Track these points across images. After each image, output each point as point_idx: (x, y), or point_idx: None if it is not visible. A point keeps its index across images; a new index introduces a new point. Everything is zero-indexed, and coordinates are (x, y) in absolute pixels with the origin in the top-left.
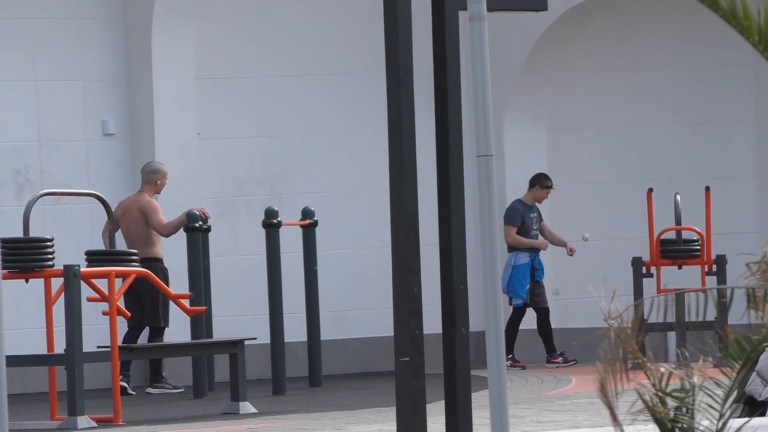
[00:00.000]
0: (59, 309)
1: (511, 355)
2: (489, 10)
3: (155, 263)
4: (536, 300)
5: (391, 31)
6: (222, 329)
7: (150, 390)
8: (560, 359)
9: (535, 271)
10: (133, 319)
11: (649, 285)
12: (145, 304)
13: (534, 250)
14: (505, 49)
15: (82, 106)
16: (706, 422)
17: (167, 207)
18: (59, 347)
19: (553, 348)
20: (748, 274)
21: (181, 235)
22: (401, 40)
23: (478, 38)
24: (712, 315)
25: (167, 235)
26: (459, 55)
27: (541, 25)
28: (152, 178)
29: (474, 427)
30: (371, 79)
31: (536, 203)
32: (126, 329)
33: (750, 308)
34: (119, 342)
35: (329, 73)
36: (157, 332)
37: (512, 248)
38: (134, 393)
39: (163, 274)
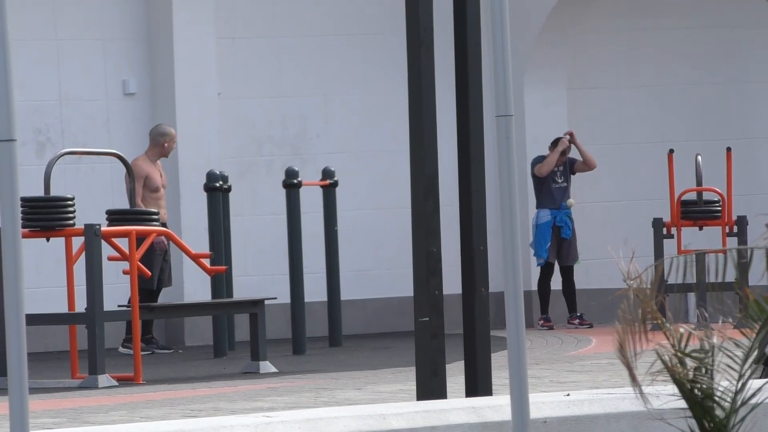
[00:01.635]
0: (80, 268)
1: (544, 315)
2: None
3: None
4: (561, 258)
5: None
6: (242, 289)
7: (121, 350)
8: (577, 321)
9: (559, 228)
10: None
11: (669, 246)
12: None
13: (557, 207)
14: (526, 9)
15: (103, 65)
16: (725, 383)
17: (188, 167)
18: (80, 306)
19: (574, 308)
20: None
21: (201, 195)
22: (422, 0)
23: None
24: (732, 276)
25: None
26: (480, 14)
27: None
28: (160, 141)
29: (493, 387)
30: (392, 39)
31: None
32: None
33: None
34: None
35: (350, 33)
36: (151, 294)
37: (540, 204)
38: (171, 350)
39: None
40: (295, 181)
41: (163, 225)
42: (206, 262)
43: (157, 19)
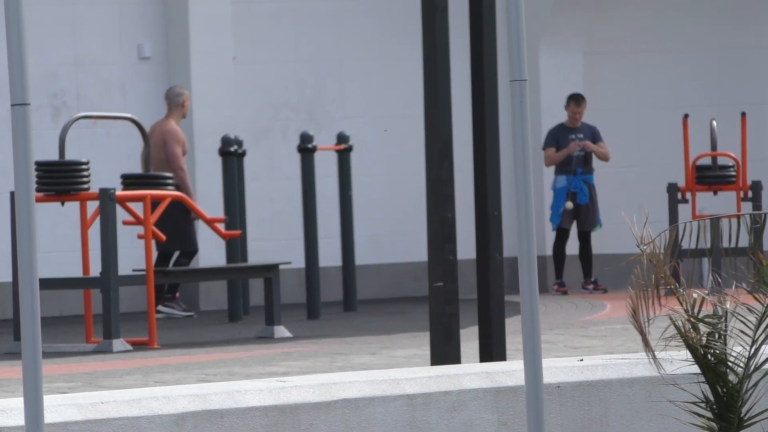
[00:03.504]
0: (95, 232)
1: (559, 280)
2: None
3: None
4: (579, 223)
5: None
6: (257, 253)
7: (160, 308)
8: (591, 286)
9: (574, 195)
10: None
11: (684, 211)
12: (165, 229)
13: (573, 173)
14: None
15: (119, 29)
16: (738, 348)
17: (203, 131)
18: (95, 270)
19: (589, 273)
20: None
21: (216, 160)
22: None
23: None
24: (746, 241)
25: (173, 171)
26: None
27: None
28: (179, 101)
29: (508, 352)
30: (406, 4)
31: (578, 124)
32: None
33: None
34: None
35: None
36: (185, 256)
37: (557, 170)
38: (192, 314)
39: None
40: (310, 145)
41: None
42: (221, 226)
43: None
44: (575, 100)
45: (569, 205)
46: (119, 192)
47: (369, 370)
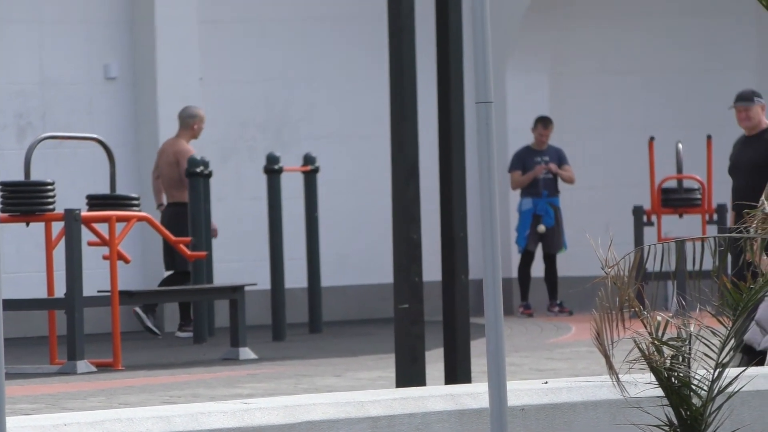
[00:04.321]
0: (60, 253)
1: (524, 302)
2: None
3: (185, 208)
4: (544, 245)
5: None
6: (222, 275)
7: (179, 334)
8: (556, 308)
9: (540, 217)
10: (167, 263)
11: (650, 233)
12: (169, 247)
13: (539, 195)
14: None
15: (85, 49)
16: (702, 371)
17: None
18: (59, 291)
19: (554, 295)
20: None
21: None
22: None
23: None
24: (710, 264)
25: (187, 189)
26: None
27: None
28: (189, 123)
29: (473, 374)
30: (374, 24)
31: (545, 147)
32: (126, 274)
33: (747, 258)
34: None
35: (332, 18)
36: (185, 276)
37: (522, 192)
38: (159, 335)
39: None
40: (276, 166)
41: (186, 206)
42: (186, 247)
43: (139, 3)
44: (543, 123)
45: (541, 228)
46: (84, 213)
47: (333, 393)
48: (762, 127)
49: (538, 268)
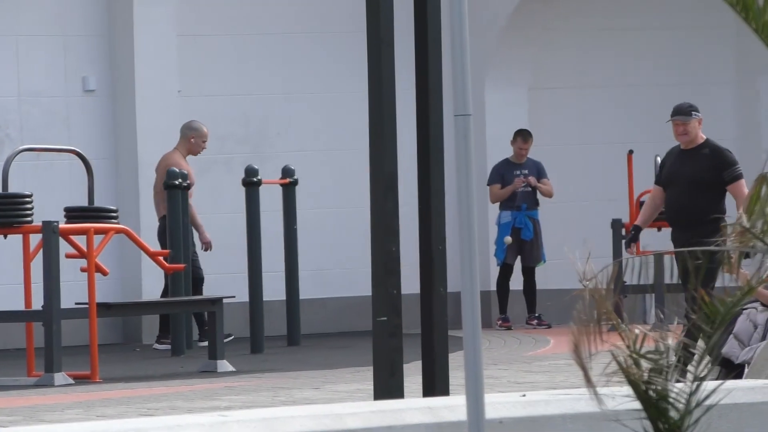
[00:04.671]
0: (37, 265)
1: (503, 315)
2: None
3: None
4: (523, 258)
5: None
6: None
7: (157, 346)
8: (535, 321)
9: (519, 230)
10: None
11: None
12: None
13: (518, 209)
14: (488, 8)
15: (63, 62)
16: (680, 384)
17: (148, 164)
18: (37, 303)
19: (533, 308)
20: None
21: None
22: None
23: None
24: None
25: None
26: (440, 13)
27: None
28: (187, 135)
29: (451, 387)
30: (353, 37)
31: (524, 160)
32: (104, 287)
33: (725, 271)
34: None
35: (311, 32)
36: (198, 283)
37: (501, 205)
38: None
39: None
40: (255, 179)
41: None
42: (164, 260)
43: (117, 15)
44: (522, 136)
45: (508, 239)
46: (62, 225)
47: (311, 405)
48: (699, 141)
49: (516, 281)
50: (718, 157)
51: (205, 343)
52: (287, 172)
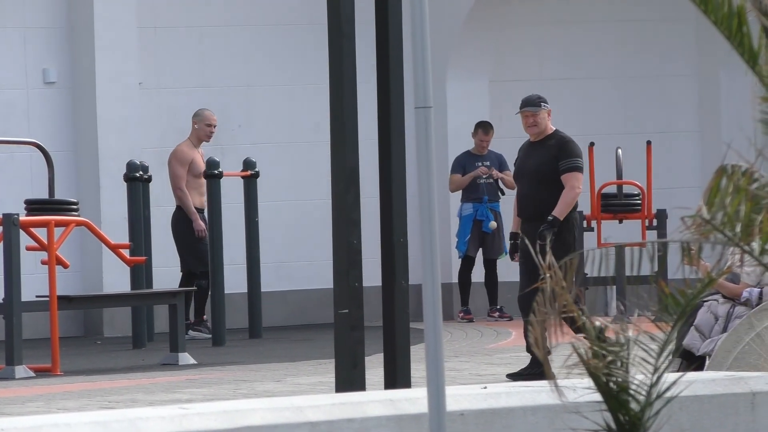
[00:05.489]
0: None
1: (464, 307)
2: None
3: (180, 211)
4: (485, 251)
5: None
6: (162, 280)
7: (192, 333)
8: (496, 314)
9: (481, 222)
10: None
11: (590, 239)
12: (177, 249)
13: (479, 201)
14: (449, 1)
15: (23, 54)
16: (640, 376)
17: (108, 156)
18: None
19: (494, 300)
20: (684, 228)
21: (121, 185)
22: None
23: None
24: (649, 269)
25: (173, 190)
26: (401, 5)
27: None
28: (192, 123)
29: (413, 379)
30: (313, 30)
31: (485, 152)
32: (64, 279)
33: (685, 263)
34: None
35: (271, 24)
36: (194, 277)
37: (463, 197)
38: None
39: (204, 222)
40: (216, 171)
41: (201, 212)
42: (125, 252)
43: (78, 7)
44: (483, 128)
45: (493, 224)
46: (23, 217)
47: (272, 398)
48: (547, 133)
49: (478, 274)
50: (561, 148)
51: (198, 334)
52: (248, 164)
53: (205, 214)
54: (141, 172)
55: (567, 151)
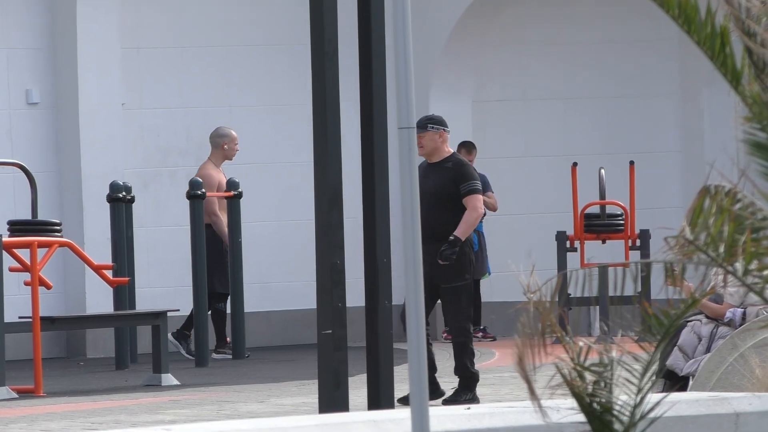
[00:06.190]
0: None
1: (447, 328)
2: None
3: (210, 230)
4: None
5: (316, 1)
6: (145, 301)
7: (214, 356)
8: (480, 334)
9: None
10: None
11: (573, 259)
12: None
13: None
14: (432, 21)
15: (6, 74)
16: (624, 397)
17: (91, 177)
18: None
19: (478, 321)
20: (667, 248)
21: (104, 205)
22: (326, 10)
23: (401, 8)
24: (632, 289)
25: (207, 215)
26: (384, 26)
27: None
28: (219, 143)
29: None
30: (296, 50)
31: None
32: (47, 300)
33: (668, 284)
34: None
35: (254, 44)
36: (215, 298)
37: None
38: (191, 357)
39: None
40: (199, 192)
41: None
42: (109, 273)
43: (61, 28)
44: (466, 148)
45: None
46: (6, 238)
47: (256, 419)
48: (443, 155)
49: None
50: (458, 171)
51: (222, 356)
52: (232, 184)
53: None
54: (124, 193)
55: (465, 174)
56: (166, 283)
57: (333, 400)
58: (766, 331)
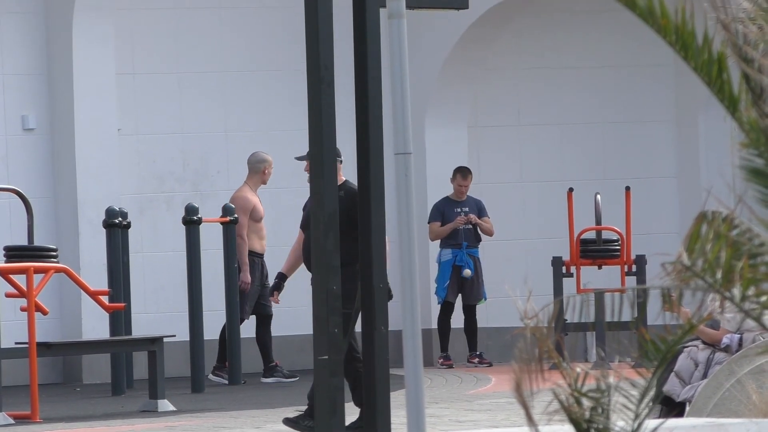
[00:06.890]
0: None
1: (444, 353)
2: (409, 7)
3: (251, 257)
4: (464, 296)
5: (312, 28)
6: (141, 326)
7: (212, 377)
8: (476, 360)
9: (460, 267)
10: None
11: (569, 285)
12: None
13: (458, 246)
14: (427, 47)
15: (2, 100)
16: (621, 423)
17: (87, 203)
18: None
19: (474, 346)
20: (664, 274)
21: (100, 231)
22: (322, 37)
23: (396, 35)
24: (629, 315)
25: (237, 237)
26: (380, 52)
27: (462, 24)
28: (259, 168)
29: (393, 426)
30: (292, 76)
31: (464, 198)
32: (44, 326)
33: (665, 309)
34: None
35: (250, 70)
36: (262, 321)
37: (442, 243)
38: (296, 377)
39: (261, 267)
40: (195, 217)
41: (261, 256)
42: (105, 299)
43: (57, 54)
44: (462, 173)
45: (467, 272)
46: (2, 264)
47: None
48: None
49: (457, 319)
50: (353, 200)
51: (269, 380)
52: (227, 210)
53: (264, 258)
54: (120, 219)
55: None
56: (162, 309)
57: (329, 426)
58: (763, 357)
